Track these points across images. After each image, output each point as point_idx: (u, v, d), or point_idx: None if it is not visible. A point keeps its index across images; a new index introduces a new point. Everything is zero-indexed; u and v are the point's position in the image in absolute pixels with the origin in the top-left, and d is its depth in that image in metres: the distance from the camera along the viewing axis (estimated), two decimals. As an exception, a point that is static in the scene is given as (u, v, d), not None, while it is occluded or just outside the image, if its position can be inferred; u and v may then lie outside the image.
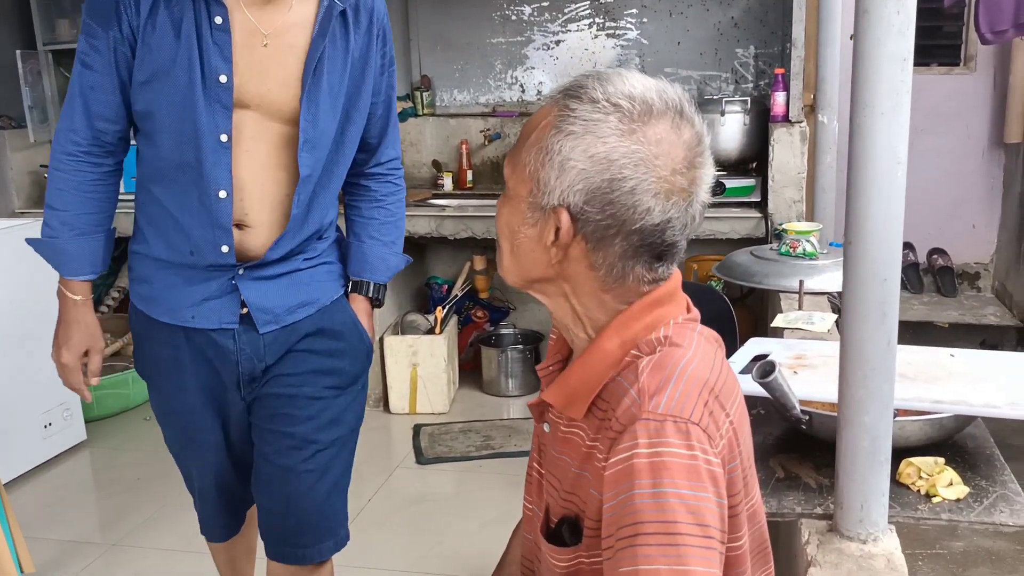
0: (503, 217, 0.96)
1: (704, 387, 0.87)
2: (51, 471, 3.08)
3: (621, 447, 0.84)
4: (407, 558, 2.49)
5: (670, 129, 0.88)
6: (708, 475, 0.82)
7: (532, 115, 0.95)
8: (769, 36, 3.57)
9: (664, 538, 0.79)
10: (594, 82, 0.90)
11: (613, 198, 0.87)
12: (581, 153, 0.87)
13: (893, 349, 1.12)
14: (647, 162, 0.87)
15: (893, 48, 1.06)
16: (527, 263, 0.94)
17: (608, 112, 0.87)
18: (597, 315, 0.94)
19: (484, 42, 3.82)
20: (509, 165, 0.94)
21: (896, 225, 1.10)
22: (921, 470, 1.29)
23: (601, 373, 0.92)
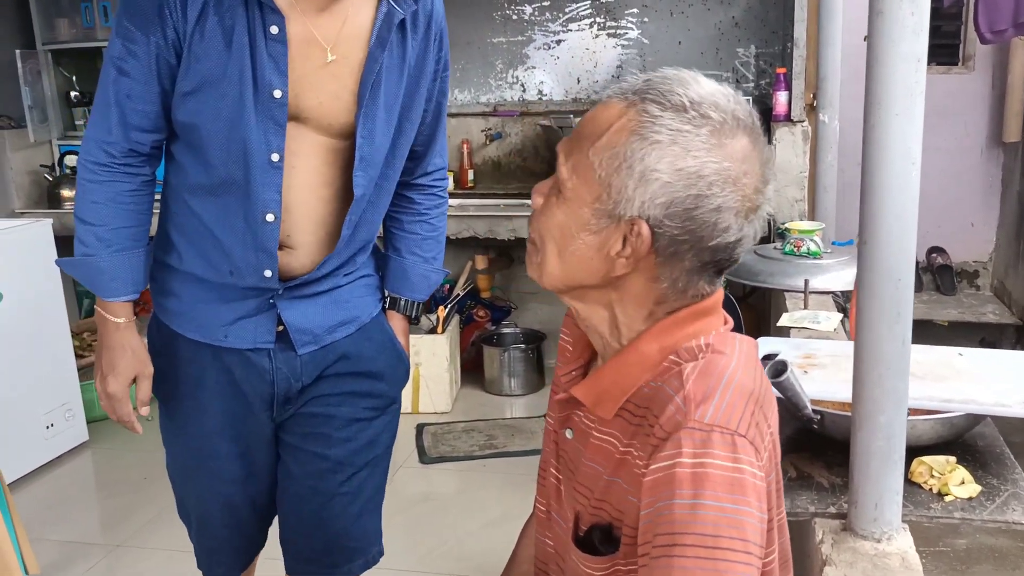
0: (554, 218, 0.90)
1: (750, 398, 0.85)
2: (54, 472, 3.07)
3: (663, 455, 0.81)
4: (410, 557, 2.49)
5: (752, 145, 0.86)
6: (752, 489, 0.80)
7: (594, 111, 0.89)
8: (770, 36, 3.57)
9: (703, 551, 0.77)
10: (675, 86, 0.85)
11: (696, 214, 0.84)
12: (667, 165, 0.83)
13: (907, 349, 1.12)
14: (735, 180, 0.84)
15: (907, 49, 1.06)
16: (578, 269, 0.90)
17: (698, 124, 0.83)
18: (638, 325, 0.91)
19: (485, 41, 3.82)
20: (568, 161, 0.89)
21: (910, 225, 1.10)
22: (933, 469, 1.30)
23: (636, 376, 0.90)
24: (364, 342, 1.48)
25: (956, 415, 1.32)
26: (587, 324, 0.96)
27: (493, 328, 3.90)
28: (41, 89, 3.80)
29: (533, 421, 3.37)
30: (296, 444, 1.49)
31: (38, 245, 3.07)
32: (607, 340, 0.94)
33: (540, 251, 0.93)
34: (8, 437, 2.74)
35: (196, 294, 1.41)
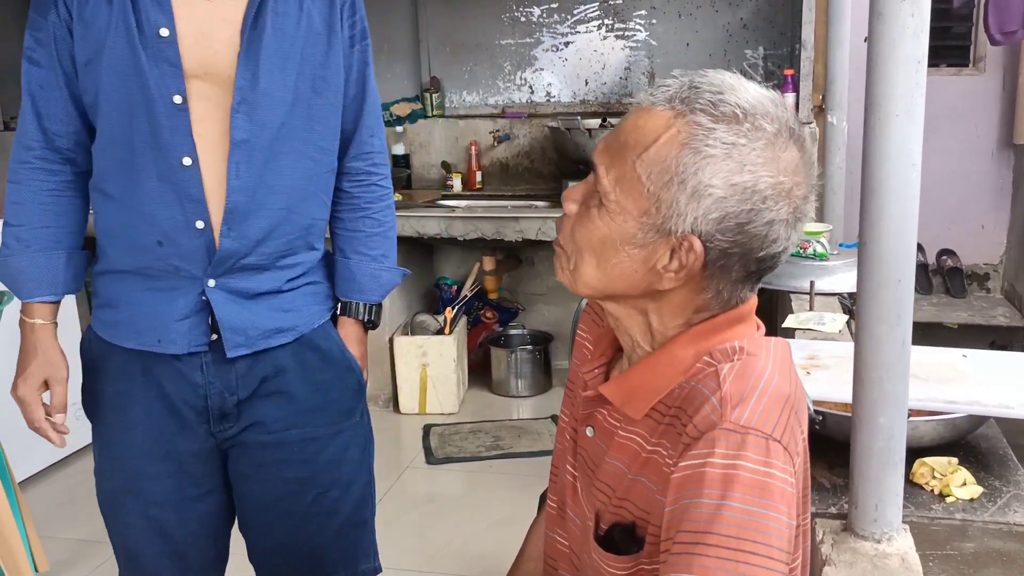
0: (595, 230, 0.87)
1: (786, 403, 0.84)
2: (64, 470, 3.10)
3: (694, 452, 0.80)
4: (417, 558, 2.50)
5: (801, 156, 0.84)
6: (781, 495, 0.79)
7: (636, 118, 0.86)
8: (778, 37, 3.57)
9: (726, 552, 0.75)
10: (726, 94, 0.82)
11: (748, 228, 0.82)
12: (722, 180, 0.81)
13: (908, 350, 1.12)
14: (788, 193, 0.83)
15: (908, 50, 1.06)
16: (619, 281, 0.88)
17: (753, 138, 0.81)
18: (672, 331, 0.90)
19: (493, 43, 3.83)
20: (610, 172, 0.86)
21: (911, 226, 1.10)
22: (935, 470, 1.30)
23: (669, 378, 0.88)
24: (307, 353, 1.39)
25: (959, 416, 1.32)
26: (619, 324, 0.94)
27: (500, 329, 3.91)
28: (53, 91, 3.82)
29: (540, 423, 3.38)
30: (251, 473, 1.41)
31: (49, 245, 3.10)
32: (637, 342, 0.93)
33: (574, 260, 0.90)
34: (20, 435, 2.76)
35: (130, 295, 1.34)
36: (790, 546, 0.80)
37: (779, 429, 0.81)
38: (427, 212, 3.43)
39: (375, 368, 3.54)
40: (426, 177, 3.96)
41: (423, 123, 3.90)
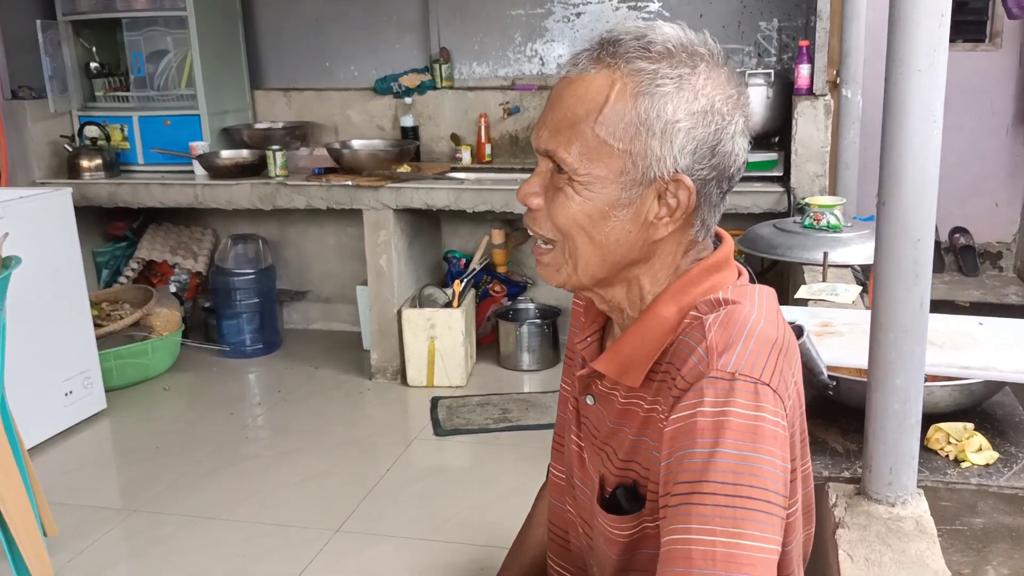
0: (573, 208, 0.86)
1: (774, 347, 0.83)
2: (72, 438, 3.11)
3: (684, 404, 0.80)
4: (424, 527, 2.51)
5: (728, 69, 0.87)
6: (773, 437, 0.78)
7: (570, 90, 0.85)
8: (793, 9, 3.52)
9: (723, 499, 0.75)
10: (651, 36, 0.83)
11: (718, 148, 0.84)
12: (684, 112, 0.82)
13: (926, 310, 1.11)
14: (736, 100, 0.86)
15: (930, 4, 1.04)
16: (616, 250, 0.87)
17: (693, 65, 0.83)
18: (662, 284, 0.90)
19: (504, 14, 3.79)
20: (569, 149, 0.84)
21: (931, 185, 1.08)
22: (950, 435, 1.28)
23: (659, 340, 0.88)
24: None
25: (975, 382, 1.31)
26: (609, 304, 0.94)
27: (509, 303, 3.89)
28: (61, 60, 3.81)
29: (548, 396, 3.37)
30: None
31: (58, 214, 3.10)
32: (628, 312, 0.93)
33: (566, 249, 0.89)
34: (28, 404, 2.78)
35: None
36: (785, 489, 0.80)
37: (767, 373, 0.81)
38: (436, 184, 3.40)
39: (383, 340, 3.53)
40: (435, 149, 3.93)
41: (432, 94, 3.87)
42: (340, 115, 4.02)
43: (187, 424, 3.26)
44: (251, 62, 4.04)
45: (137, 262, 4.01)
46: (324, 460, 2.92)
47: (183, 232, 4.17)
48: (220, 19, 3.84)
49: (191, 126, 3.76)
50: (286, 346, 4.01)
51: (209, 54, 3.75)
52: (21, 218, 2.88)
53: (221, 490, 2.74)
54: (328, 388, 3.55)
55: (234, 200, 3.59)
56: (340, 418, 3.28)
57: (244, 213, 3.96)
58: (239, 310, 3.83)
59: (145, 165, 3.85)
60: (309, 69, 4.03)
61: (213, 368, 3.79)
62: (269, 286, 3.92)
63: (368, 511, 2.60)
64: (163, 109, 3.84)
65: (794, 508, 0.90)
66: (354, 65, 4.00)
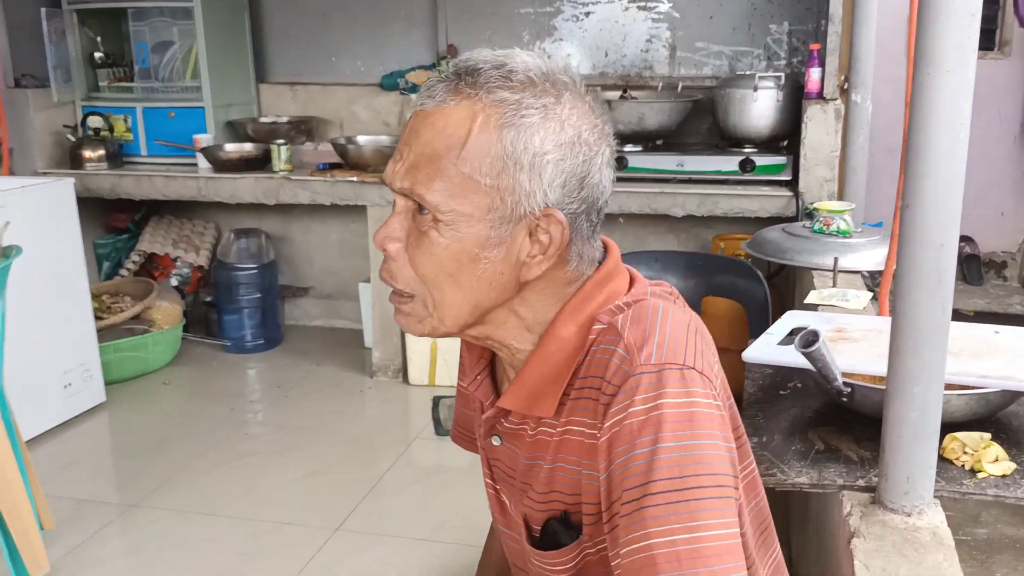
0: (438, 251, 0.80)
1: (688, 329, 0.82)
2: (70, 431, 3.09)
3: (616, 408, 0.77)
4: (424, 527, 2.48)
5: (591, 96, 0.84)
6: (710, 419, 0.76)
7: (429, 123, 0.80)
8: (804, 12, 3.50)
9: (674, 495, 0.72)
10: (511, 64, 0.80)
11: (588, 181, 0.82)
12: (552, 143, 0.79)
13: (947, 317, 1.08)
14: (601, 129, 0.83)
15: (961, 3, 1.02)
16: (487, 293, 0.82)
17: (557, 94, 0.80)
18: (547, 313, 0.86)
19: (512, 12, 3.77)
20: (430, 186, 0.79)
21: (956, 189, 1.06)
22: (966, 445, 1.26)
23: (565, 362, 0.84)
24: None
25: (992, 391, 1.28)
26: (490, 342, 0.89)
27: (511, 303, 3.86)
28: (65, 49, 3.78)
29: (549, 397, 3.35)
30: None
31: (60, 205, 3.08)
32: (516, 348, 0.88)
33: (430, 297, 0.83)
34: (28, 395, 2.75)
35: None
36: (734, 468, 0.78)
37: (690, 356, 0.79)
38: (441, 182, 3.38)
39: (385, 338, 3.51)
40: (440, 147, 3.91)
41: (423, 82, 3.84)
42: (346, 110, 4.00)
43: (186, 419, 3.24)
44: (257, 55, 4.02)
45: (139, 255, 3.99)
46: (324, 458, 2.90)
47: (185, 225, 4.15)
48: (226, 11, 3.82)
49: (195, 118, 3.74)
50: (287, 342, 3.98)
51: (215, 46, 3.73)
52: (22, 208, 2.85)
53: (220, 486, 2.72)
54: (329, 385, 3.53)
55: (237, 194, 3.57)
56: (340, 416, 3.26)
57: (247, 207, 3.93)
58: (240, 305, 3.81)
59: (148, 157, 3.83)
60: (315, 63, 4.01)
61: (213, 363, 3.77)
62: (271, 281, 3.89)
63: (368, 510, 2.58)
64: (167, 101, 3.82)
65: (747, 478, 0.89)
66: (360, 60, 3.98)
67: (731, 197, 3.11)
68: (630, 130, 3.28)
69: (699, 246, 3.65)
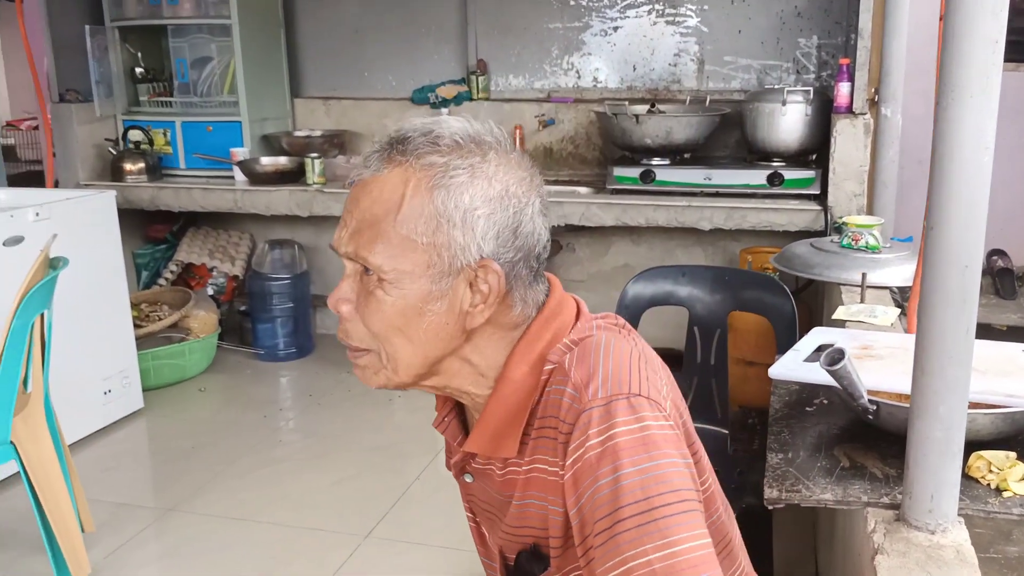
0: (392, 307, 0.85)
1: (631, 358, 0.87)
2: (110, 436, 3.17)
3: (574, 446, 0.82)
4: (451, 535, 2.51)
5: (518, 154, 0.89)
6: (665, 440, 0.80)
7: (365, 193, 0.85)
8: (833, 26, 3.50)
9: (642, 517, 0.76)
10: (433, 132, 0.85)
11: (520, 230, 0.86)
12: (481, 199, 0.84)
13: (971, 337, 1.10)
14: (528, 182, 0.88)
15: (985, 29, 1.03)
16: (435, 343, 0.87)
17: (482, 154, 0.85)
18: (498, 358, 0.90)
19: (541, 27, 3.81)
20: (373, 249, 0.84)
21: (980, 212, 1.08)
22: (992, 464, 1.27)
23: (521, 403, 0.89)
24: None
25: (1018, 411, 1.29)
26: (445, 390, 0.94)
27: (540, 314, 3.89)
28: (108, 65, 3.89)
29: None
30: None
31: (101, 216, 3.16)
32: (475, 393, 0.93)
33: (383, 351, 0.88)
34: (69, 401, 2.83)
35: None
36: (694, 482, 0.82)
37: (635, 384, 0.83)
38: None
39: (414, 348, 3.55)
40: (470, 160, 3.95)
41: (468, 105, 3.90)
42: (377, 124, 4.07)
43: (221, 425, 3.31)
44: (292, 70, 4.10)
45: (176, 264, 4.08)
46: (354, 465, 2.95)
47: (221, 236, 4.24)
48: (263, 28, 3.90)
49: (232, 132, 3.83)
50: (319, 351, 4.05)
51: (251, 62, 3.81)
52: (66, 220, 2.94)
53: (253, 491, 2.77)
54: (359, 394, 3.58)
55: (272, 206, 3.65)
56: (370, 424, 3.31)
57: (281, 219, 4.01)
58: (274, 314, 3.88)
59: (186, 169, 3.92)
60: (348, 78, 4.09)
61: (247, 371, 3.84)
62: (303, 291, 3.96)
63: (397, 517, 2.62)
64: (205, 115, 3.91)
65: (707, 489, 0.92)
66: (392, 75, 4.04)
67: (759, 211, 3.12)
68: (658, 144, 3.30)
69: (727, 260, 3.66)
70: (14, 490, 2.70)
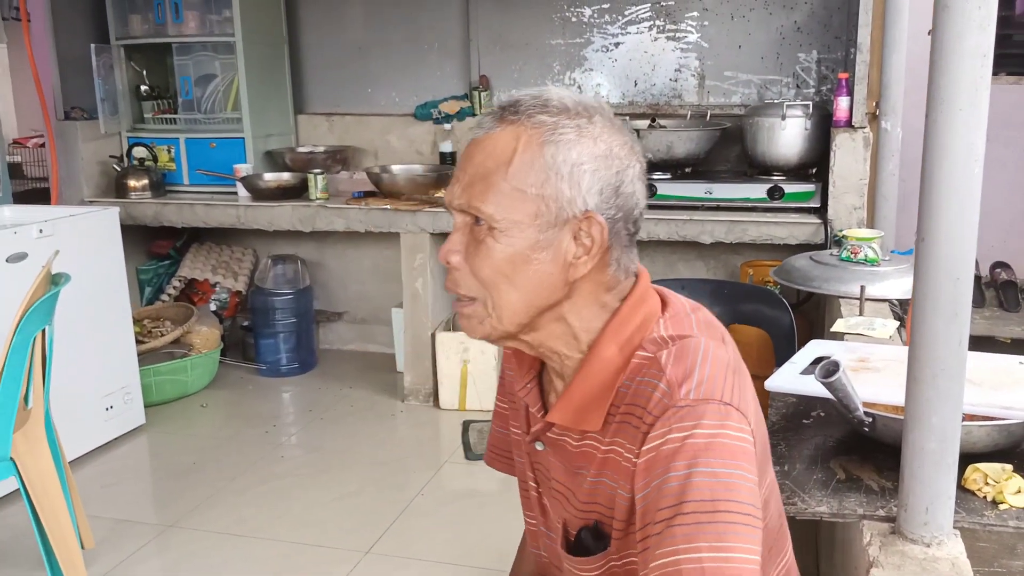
0: (500, 255, 0.89)
1: (728, 368, 0.89)
2: (111, 452, 3.18)
3: (654, 435, 0.84)
4: (453, 551, 2.51)
5: (621, 124, 0.95)
6: (744, 454, 0.83)
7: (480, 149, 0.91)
8: (832, 41, 3.52)
9: (703, 516, 0.78)
10: (543, 97, 0.91)
11: (621, 189, 0.91)
12: (587, 156, 0.89)
13: (964, 349, 1.10)
14: (631, 147, 0.93)
15: (973, 43, 1.04)
16: (539, 292, 0.91)
17: (588, 116, 0.91)
18: (593, 324, 0.94)
19: (543, 43, 3.84)
20: (485, 200, 0.89)
21: (971, 224, 1.08)
22: (988, 476, 1.26)
23: (608, 381, 0.92)
24: None
25: (1015, 423, 1.29)
26: (539, 349, 0.97)
27: (542, 329, 3.90)
28: (113, 82, 3.93)
29: (579, 423, 3.36)
30: None
31: (105, 233, 3.18)
32: (565, 355, 0.95)
33: (489, 300, 0.92)
34: (71, 417, 2.84)
35: None
36: (759, 501, 0.83)
37: (727, 393, 0.86)
38: (472, 209, 3.43)
39: (417, 362, 3.56)
40: (472, 175, 3.97)
41: (471, 121, 3.92)
42: (380, 140, 4.09)
43: (223, 441, 3.31)
44: (295, 87, 4.13)
45: (179, 280, 4.09)
46: (356, 481, 2.95)
47: (224, 252, 4.25)
48: (267, 45, 3.94)
49: (236, 148, 3.85)
50: (321, 366, 4.05)
51: (255, 79, 3.84)
52: (69, 236, 2.96)
53: (255, 507, 2.77)
54: (361, 409, 3.58)
55: (275, 222, 3.66)
56: (372, 439, 3.31)
57: (284, 234, 4.03)
58: (276, 329, 3.89)
59: (190, 186, 3.95)
60: (351, 94, 4.11)
61: (249, 386, 3.85)
62: (306, 306, 3.97)
63: (398, 533, 2.61)
64: (209, 132, 3.94)
65: (769, 519, 0.92)
66: (395, 91, 4.07)
67: (759, 224, 3.12)
68: (659, 158, 3.31)
69: (728, 273, 3.66)
70: (14, 507, 2.71)
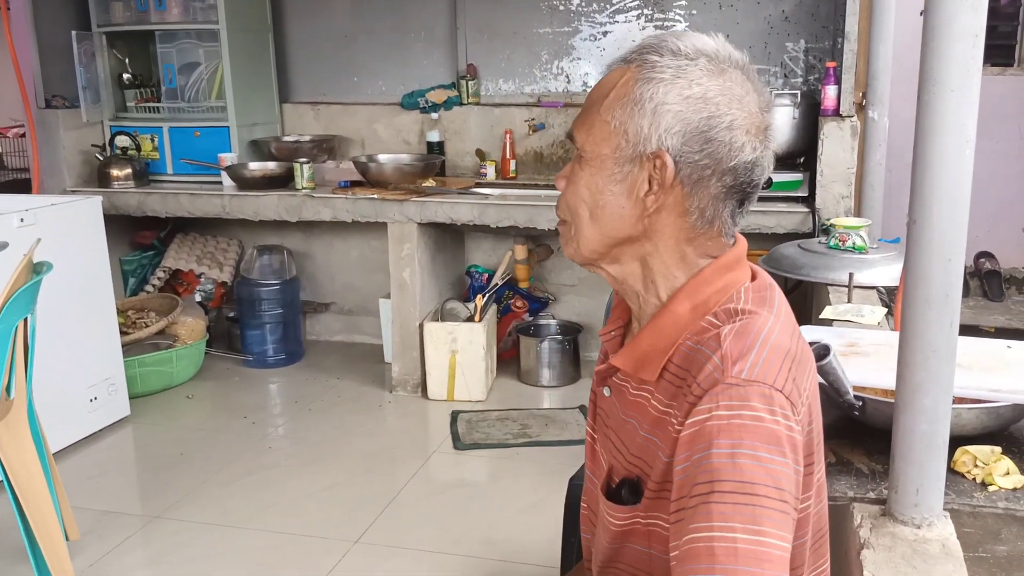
0: (580, 183, 0.94)
1: (787, 356, 0.87)
2: (96, 444, 3.14)
3: (700, 408, 0.83)
4: (442, 541, 2.50)
5: (746, 76, 0.91)
6: (788, 441, 0.82)
7: (597, 84, 0.95)
8: (820, 31, 3.52)
9: (741, 497, 0.78)
10: (668, 39, 0.91)
11: (712, 135, 0.88)
12: (676, 96, 0.88)
13: (955, 331, 1.10)
14: (739, 99, 0.90)
15: (965, 23, 1.04)
16: (612, 224, 0.93)
17: (694, 59, 0.89)
18: (674, 273, 0.94)
19: (531, 32, 3.82)
20: (582, 130, 0.94)
21: (963, 205, 1.08)
22: (977, 458, 1.27)
23: (672, 336, 0.92)
24: None
25: (1003, 405, 1.29)
26: (623, 285, 0.99)
27: (530, 319, 3.90)
28: (95, 71, 3.88)
29: (568, 412, 3.37)
30: None
31: (88, 222, 3.15)
32: (644, 298, 0.97)
33: (573, 223, 0.96)
34: (54, 409, 2.81)
35: None
36: (798, 491, 0.83)
37: (780, 379, 0.84)
38: (460, 199, 3.42)
39: (405, 353, 3.54)
40: (460, 164, 3.96)
41: (458, 110, 3.90)
42: (367, 129, 4.06)
43: (209, 432, 3.29)
44: (280, 75, 4.09)
45: (164, 271, 4.06)
46: (344, 471, 2.93)
47: (209, 242, 4.22)
48: (251, 33, 3.90)
49: (220, 137, 3.82)
50: (308, 357, 4.03)
51: (239, 67, 3.81)
52: (52, 225, 2.93)
53: (241, 498, 2.75)
54: (349, 400, 3.57)
55: (261, 211, 3.63)
56: (360, 430, 3.29)
57: (270, 224, 4.00)
58: (263, 320, 3.87)
59: (174, 175, 3.91)
60: (337, 83, 4.08)
61: (235, 377, 3.82)
62: (293, 297, 3.95)
63: (387, 523, 2.60)
64: (193, 120, 3.90)
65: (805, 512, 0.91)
66: (382, 80, 4.04)
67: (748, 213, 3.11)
68: (647, 147, 3.30)
69: (717, 262, 3.65)
70: (-2, 498, 2.68)
